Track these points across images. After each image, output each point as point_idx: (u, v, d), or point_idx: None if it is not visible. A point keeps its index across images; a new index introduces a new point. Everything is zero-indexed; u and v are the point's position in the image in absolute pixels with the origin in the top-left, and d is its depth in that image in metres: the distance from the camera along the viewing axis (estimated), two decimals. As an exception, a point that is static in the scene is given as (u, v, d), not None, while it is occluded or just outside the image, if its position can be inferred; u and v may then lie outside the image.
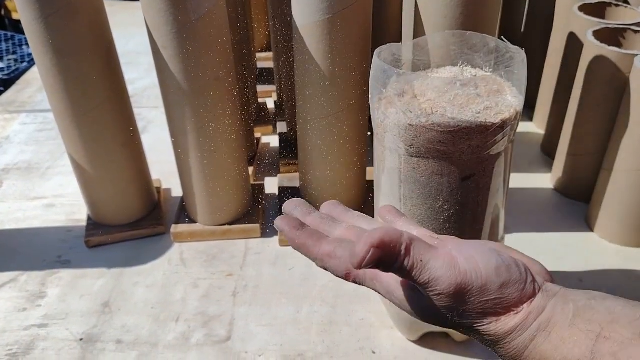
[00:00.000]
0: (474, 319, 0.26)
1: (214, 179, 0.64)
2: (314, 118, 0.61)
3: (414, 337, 0.54)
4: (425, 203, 0.44)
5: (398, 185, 0.45)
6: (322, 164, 0.64)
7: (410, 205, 0.45)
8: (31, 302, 0.61)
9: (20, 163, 0.86)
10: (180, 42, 0.55)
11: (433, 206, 0.44)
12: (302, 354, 0.54)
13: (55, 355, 0.55)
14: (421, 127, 0.40)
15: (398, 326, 0.55)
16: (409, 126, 0.40)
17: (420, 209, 0.45)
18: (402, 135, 0.41)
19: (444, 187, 0.43)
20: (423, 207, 0.44)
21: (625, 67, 0.61)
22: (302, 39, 0.57)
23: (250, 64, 0.87)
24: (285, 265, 0.64)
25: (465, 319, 0.26)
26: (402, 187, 0.44)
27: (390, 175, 0.45)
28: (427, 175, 0.42)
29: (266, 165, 0.83)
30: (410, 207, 0.45)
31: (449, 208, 0.44)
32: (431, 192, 0.43)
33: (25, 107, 1.03)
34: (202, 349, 0.55)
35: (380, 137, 0.44)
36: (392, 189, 0.46)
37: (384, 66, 0.41)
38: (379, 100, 0.43)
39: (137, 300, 0.60)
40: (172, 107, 0.60)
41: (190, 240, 0.68)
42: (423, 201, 0.44)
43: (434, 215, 0.45)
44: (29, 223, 0.73)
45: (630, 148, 0.60)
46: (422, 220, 0.45)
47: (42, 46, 0.56)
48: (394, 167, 0.44)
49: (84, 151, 0.63)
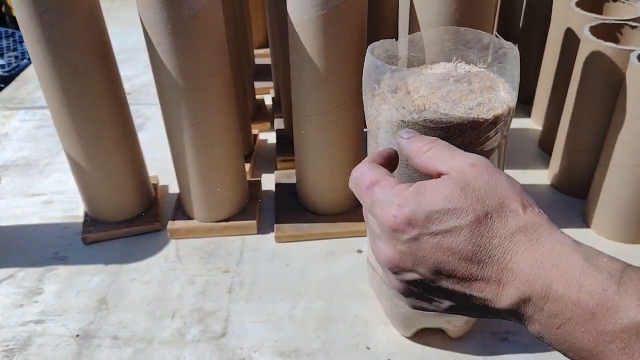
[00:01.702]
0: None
1: (211, 176, 0.65)
2: (309, 114, 0.61)
3: (409, 333, 0.54)
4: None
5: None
6: (319, 161, 0.65)
7: None
8: (28, 298, 0.61)
9: (18, 160, 0.86)
10: (176, 38, 0.55)
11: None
12: (297, 350, 0.54)
13: (51, 351, 0.55)
14: (413, 123, 0.40)
15: (393, 322, 0.55)
16: (402, 122, 0.40)
17: None
18: (395, 132, 0.41)
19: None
20: None
21: (621, 63, 0.61)
22: (297, 35, 0.57)
23: (248, 61, 0.87)
24: (281, 262, 0.64)
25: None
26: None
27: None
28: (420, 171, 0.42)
29: (263, 161, 0.83)
30: None
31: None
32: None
33: (24, 103, 1.03)
34: (197, 345, 0.55)
35: (374, 133, 0.44)
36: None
37: (376, 62, 0.41)
38: (372, 97, 0.43)
39: (134, 297, 0.61)
40: (167, 104, 0.60)
41: (186, 236, 0.68)
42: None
43: None
44: (27, 219, 0.73)
45: (626, 144, 0.60)
46: None
47: (38, 43, 0.56)
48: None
49: (81, 148, 0.63)
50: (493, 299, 0.29)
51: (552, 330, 0.28)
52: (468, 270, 0.29)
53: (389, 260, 0.32)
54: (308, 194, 0.68)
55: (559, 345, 0.28)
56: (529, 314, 0.28)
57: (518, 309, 0.29)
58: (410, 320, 0.52)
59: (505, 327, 0.55)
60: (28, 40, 0.57)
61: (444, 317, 0.51)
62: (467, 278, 0.29)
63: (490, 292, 0.29)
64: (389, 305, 0.53)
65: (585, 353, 0.27)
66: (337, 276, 0.62)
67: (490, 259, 0.29)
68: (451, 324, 0.52)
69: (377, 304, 0.57)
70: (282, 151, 0.81)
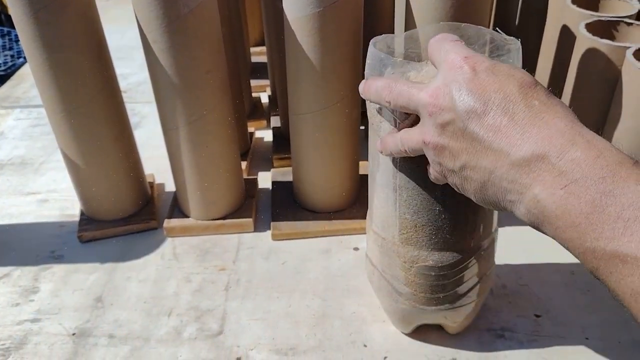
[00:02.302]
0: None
1: (207, 174, 0.64)
2: (306, 112, 0.61)
3: (407, 330, 0.54)
4: (421, 193, 0.44)
5: (393, 175, 0.45)
6: (315, 158, 0.64)
7: (406, 195, 0.45)
8: (24, 297, 0.61)
9: (14, 158, 0.86)
10: (171, 35, 0.55)
11: (429, 196, 0.44)
12: (293, 348, 0.54)
13: (47, 349, 0.55)
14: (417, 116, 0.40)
15: (391, 319, 0.55)
16: (405, 115, 0.40)
17: (415, 199, 0.45)
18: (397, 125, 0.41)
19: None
20: (419, 198, 0.45)
21: (617, 60, 0.61)
22: (293, 33, 0.57)
23: (244, 59, 0.86)
24: (277, 260, 0.64)
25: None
26: (397, 177, 0.45)
27: (386, 165, 0.45)
28: (422, 164, 0.42)
29: (260, 159, 0.83)
30: (405, 197, 0.45)
31: (445, 198, 0.44)
32: (427, 181, 0.43)
33: (20, 102, 1.03)
34: (194, 343, 0.55)
35: (376, 127, 0.44)
36: (387, 179, 0.46)
37: (380, 55, 0.42)
38: None
39: (130, 295, 0.61)
40: (163, 101, 0.60)
41: (183, 235, 0.68)
42: (419, 191, 0.44)
43: (430, 206, 0.45)
44: (23, 218, 0.73)
45: (621, 140, 0.60)
46: (418, 211, 0.45)
47: (32, 41, 0.56)
48: (390, 157, 0.44)
49: (76, 146, 0.63)
50: (509, 150, 0.31)
51: (554, 191, 0.29)
52: (500, 119, 0.32)
53: (432, 91, 0.35)
54: (304, 192, 0.68)
55: (552, 211, 0.30)
56: (538, 171, 0.30)
57: (529, 164, 0.30)
58: (409, 316, 0.52)
59: (502, 324, 0.55)
60: (23, 38, 0.56)
61: (443, 313, 0.51)
62: (496, 126, 0.32)
63: (510, 140, 0.31)
64: (388, 302, 0.53)
65: (581, 217, 0.28)
66: (333, 274, 0.62)
67: (523, 114, 0.31)
68: (449, 319, 0.52)
69: (374, 301, 0.58)
70: (279, 149, 0.80)
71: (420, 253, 0.47)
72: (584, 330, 0.54)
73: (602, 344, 0.53)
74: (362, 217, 0.68)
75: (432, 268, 0.47)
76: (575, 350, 0.52)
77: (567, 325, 0.55)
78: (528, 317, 0.56)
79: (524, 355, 0.52)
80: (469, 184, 0.36)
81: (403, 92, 0.38)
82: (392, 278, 0.50)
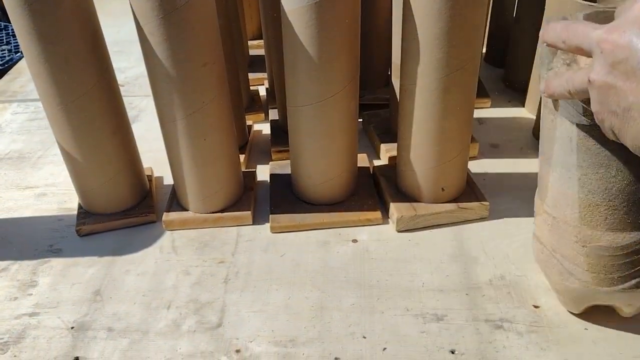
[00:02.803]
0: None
1: (205, 167, 0.64)
2: (304, 104, 0.61)
3: (577, 310, 0.53)
4: (597, 172, 0.44)
5: (569, 153, 0.44)
6: (313, 150, 0.64)
7: (580, 174, 0.44)
8: (22, 291, 0.61)
9: (11, 152, 0.86)
10: (168, 27, 0.54)
11: (605, 175, 0.44)
12: (293, 340, 0.54)
13: (46, 343, 0.55)
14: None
15: (561, 298, 0.54)
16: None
17: (590, 178, 0.44)
18: (575, 102, 0.41)
19: (617, 155, 0.42)
20: (594, 176, 0.44)
21: (616, 50, 0.61)
22: (290, 24, 0.56)
23: (242, 52, 0.86)
24: (276, 252, 0.64)
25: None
26: (573, 156, 0.44)
27: (562, 144, 0.45)
28: (600, 142, 0.41)
29: (258, 152, 0.83)
30: (579, 176, 0.45)
31: (623, 178, 0.43)
32: (603, 160, 0.42)
33: (17, 96, 1.03)
34: (193, 336, 0.55)
35: (552, 105, 0.44)
36: (563, 158, 0.45)
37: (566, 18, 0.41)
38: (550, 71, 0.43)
39: (129, 288, 0.60)
40: (160, 94, 0.60)
41: (181, 228, 0.68)
42: (595, 170, 0.44)
43: (605, 185, 0.44)
44: (21, 212, 0.73)
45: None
46: (593, 191, 0.45)
47: (28, 33, 0.56)
48: (566, 135, 0.44)
49: (73, 139, 0.63)
50: None
51: None
52: None
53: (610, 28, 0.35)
54: (303, 184, 0.68)
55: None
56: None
57: None
58: (580, 296, 0.51)
59: (501, 314, 0.55)
60: (18, 30, 0.56)
61: (617, 295, 0.49)
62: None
63: None
64: (558, 280, 0.51)
65: None
66: (332, 266, 0.62)
67: None
68: (623, 302, 0.50)
69: (373, 292, 0.58)
70: (277, 142, 0.80)
71: (594, 233, 0.46)
72: (582, 321, 0.54)
73: (601, 334, 0.53)
74: (360, 209, 0.68)
75: (607, 249, 0.46)
76: (574, 340, 0.53)
77: (566, 316, 0.55)
78: (527, 308, 0.56)
79: (522, 346, 0.52)
80: (631, 127, 0.35)
81: (579, 30, 0.37)
82: (563, 257, 0.49)
